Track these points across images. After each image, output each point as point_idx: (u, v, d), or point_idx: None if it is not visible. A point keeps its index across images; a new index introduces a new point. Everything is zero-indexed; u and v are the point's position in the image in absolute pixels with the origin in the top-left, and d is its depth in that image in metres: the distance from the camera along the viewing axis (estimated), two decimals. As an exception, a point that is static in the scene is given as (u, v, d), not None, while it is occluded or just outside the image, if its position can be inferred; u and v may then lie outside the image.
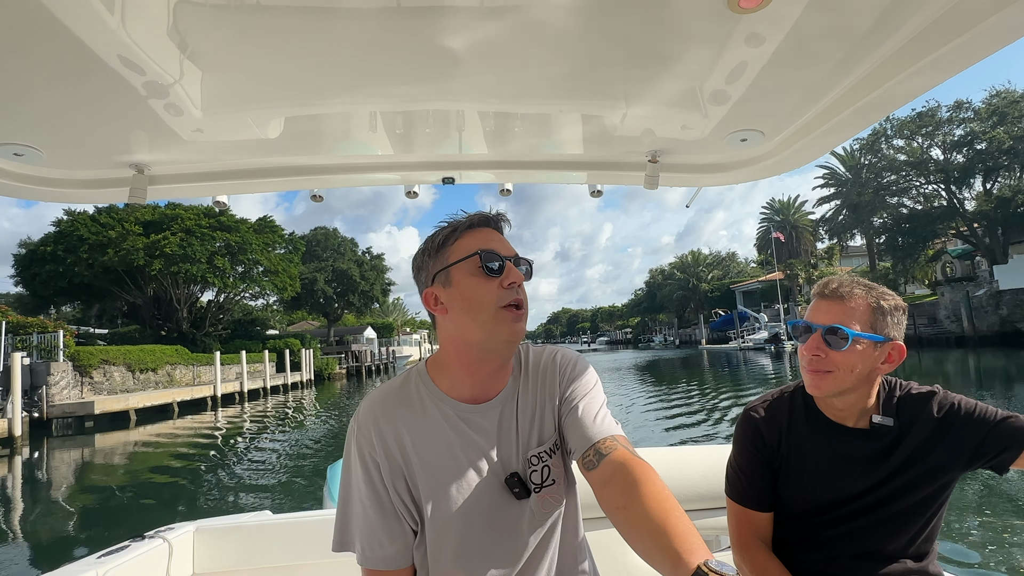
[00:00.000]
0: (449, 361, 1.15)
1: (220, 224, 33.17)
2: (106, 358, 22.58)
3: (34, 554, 7.44)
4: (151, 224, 31.20)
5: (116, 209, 31.18)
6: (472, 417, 1.13)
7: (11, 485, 11.80)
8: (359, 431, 1.11)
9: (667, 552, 0.84)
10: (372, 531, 1.09)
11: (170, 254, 29.97)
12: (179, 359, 27.32)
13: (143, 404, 21.17)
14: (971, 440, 1.31)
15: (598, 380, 1.23)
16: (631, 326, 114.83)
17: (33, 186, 1.65)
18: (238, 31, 1.09)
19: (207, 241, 32.08)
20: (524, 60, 1.23)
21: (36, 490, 11.38)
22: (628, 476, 0.97)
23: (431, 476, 1.09)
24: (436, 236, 1.15)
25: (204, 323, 36.17)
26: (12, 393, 15.18)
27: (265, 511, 2.58)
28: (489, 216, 1.16)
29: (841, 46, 1.21)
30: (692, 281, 78.77)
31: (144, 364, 24.59)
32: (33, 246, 30.59)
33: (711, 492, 2.03)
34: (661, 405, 17.50)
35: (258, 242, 35.01)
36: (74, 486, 11.27)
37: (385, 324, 68.71)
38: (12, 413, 15.01)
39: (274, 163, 1.77)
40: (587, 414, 1.12)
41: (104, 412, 19.32)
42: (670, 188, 2.03)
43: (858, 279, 1.36)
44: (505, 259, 1.10)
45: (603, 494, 1.01)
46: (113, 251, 29.08)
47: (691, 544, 0.83)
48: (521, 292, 1.10)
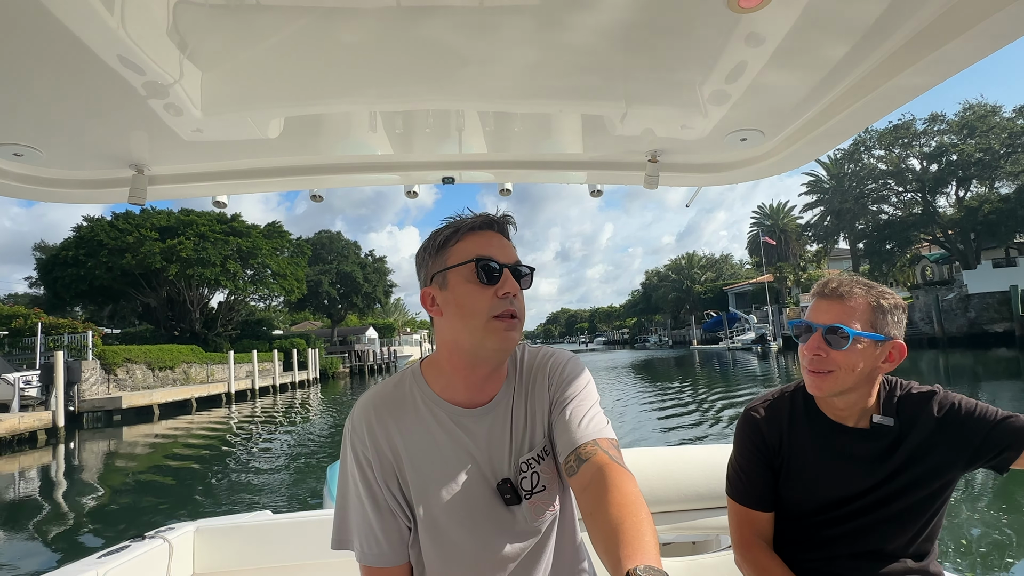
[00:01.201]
0: (443, 363, 1.14)
1: (232, 229, 35.14)
2: (129, 357, 24.16)
3: (61, 543, 7.74)
4: (166, 229, 32.89)
5: (133, 215, 33.22)
6: (464, 421, 1.12)
7: (55, 470, 12.85)
8: (353, 430, 1.11)
9: (611, 555, 0.82)
10: (369, 529, 1.09)
11: (186, 258, 31.77)
12: (194, 358, 28.85)
13: (165, 400, 22.46)
14: (972, 440, 1.31)
15: (590, 380, 1.20)
16: (628, 327, 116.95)
17: (33, 186, 1.65)
18: (238, 31, 1.09)
19: (220, 246, 33.71)
20: (524, 60, 1.23)
21: (73, 476, 12.18)
22: (601, 483, 0.95)
23: (421, 478, 1.09)
24: (438, 235, 1.12)
25: (215, 324, 37.85)
26: (56, 387, 16.44)
27: (265, 511, 2.58)
28: (493, 219, 1.13)
29: (841, 46, 1.21)
30: (686, 283, 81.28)
31: (163, 362, 26.21)
32: (55, 251, 32.51)
33: (711, 492, 2.03)
34: (655, 400, 18.34)
35: (267, 247, 36.79)
36: (103, 476, 12.03)
37: (386, 324, 70.22)
38: (56, 406, 16.24)
39: (274, 163, 1.77)
40: (573, 418, 1.09)
41: (130, 407, 20.59)
42: (671, 188, 2.03)
43: (858, 278, 1.36)
44: (503, 267, 1.07)
45: (581, 500, 0.99)
46: (131, 255, 30.89)
47: (633, 548, 0.80)
48: (516, 303, 1.08)
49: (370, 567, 1.10)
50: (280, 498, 9.18)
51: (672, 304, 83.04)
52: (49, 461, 13.57)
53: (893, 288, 39.43)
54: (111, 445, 15.81)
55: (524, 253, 1.16)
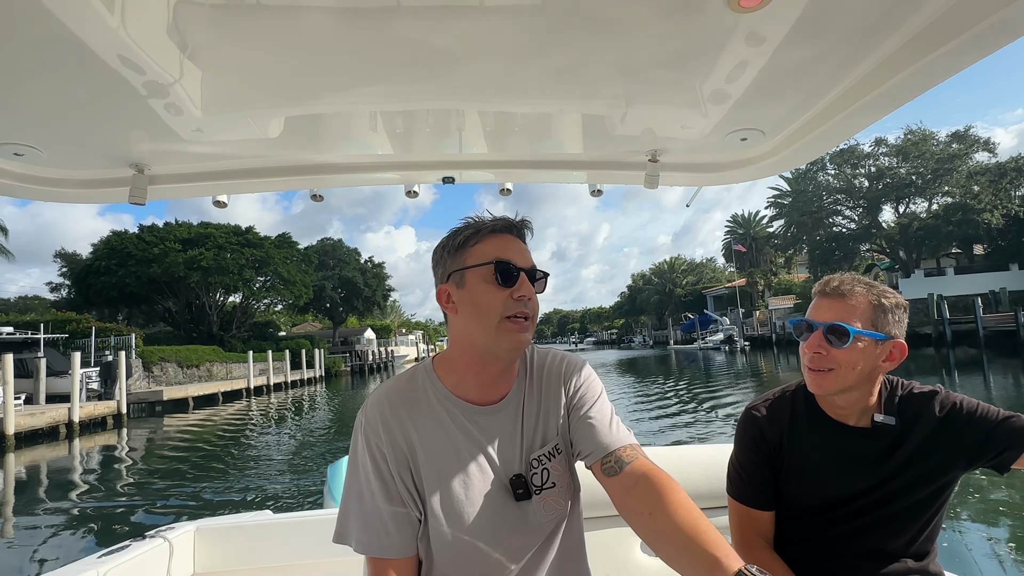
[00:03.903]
0: (456, 360, 1.17)
1: (247, 241, 40.09)
2: (163, 356, 29.22)
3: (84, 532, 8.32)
4: (187, 241, 37.58)
5: (157, 228, 38.63)
6: (477, 418, 1.15)
7: (120, 449, 15.80)
8: (367, 423, 1.13)
9: (703, 556, 0.88)
10: (379, 520, 1.10)
11: (206, 267, 36.39)
12: (215, 357, 33.57)
13: (197, 393, 26.73)
14: (973, 440, 1.31)
15: (603, 387, 1.25)
16: (616, 327, 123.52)
17: (33, 186, 1.65)
18: (238, 31, 1.09)
19: (237, 255, 38.47)
20: (524, 60, 1.23)
21: (134, 457, 14.66)
22: (653, 484, 1.02)
23: (435, 471, 1.11)
24: (458, 234, 1.15)
25: (231, 326, 42.51)
26: (120, 381, 20.82)
27: (266, 511, 2.58)
28: (513, 223, 1.16)
29: (841, 45, 1.21)
30: (668, 286, 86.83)
31: (190, 361, 30.95)
32: (89, 261, 37.98)
33: (711, 492, 2.03)
34: (640, 392, 21.88)
35: (279, 256, 41.43)
36: (153, 457, 14.42)
37: (383, 326, 74.63)
38: (120, 396, 20.64)
39: (274, 163, 1.77)
40: (601, 421, 1.15)
41: (170, 399, 24.98)
42: (669, 188, 2.03)
43: (859, 277, 1.36)
44: (521, 270, 1.11)
45: (625, 499, 1.05)
46: (158, 265, 35.58)
47: (726, 550, 0.88)
48: (530, 305, 1.11)
49: (377, 559, 1.11)
50: (280, 498, 9.19)
51: (655, 306, 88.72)
52: (116, 441, 17.21)
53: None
54: (155, 432, 19.13)
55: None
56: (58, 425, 17.48)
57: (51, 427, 17.25)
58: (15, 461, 13.93)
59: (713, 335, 62.75)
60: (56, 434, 17.31)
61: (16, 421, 15.53)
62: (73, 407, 18.01)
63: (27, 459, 14.24)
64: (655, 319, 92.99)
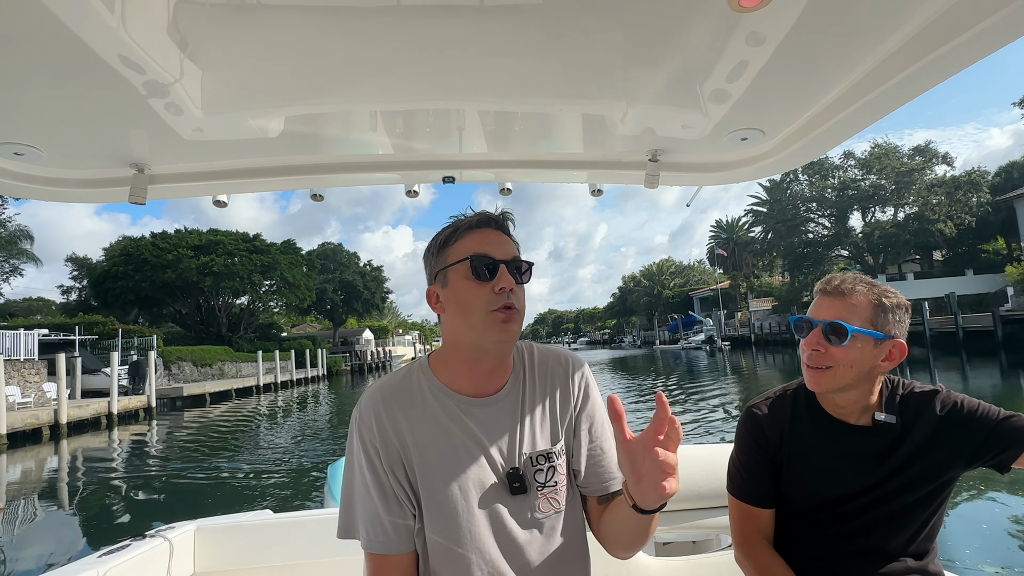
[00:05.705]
0: (449, 357, 1.17)
1: (255, 247, 43.51)
2: (180, 356, 31.92)
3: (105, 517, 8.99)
4: (198, 248, 40.69)
5: (170, 235, 41.67)
6: (473, 410, 1.15)
7: (151, 439, 18.20)
8: (361, 419, 1.14)
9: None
10: (375, 516, 1.10)
11: (218, 272, 39.71)
12: (226, 356, 36.62)
13: (213, 390, 29.78)
14: (973, 439, 1.31)
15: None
16: (608, 328, 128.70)
17: (33, 185, 1.65)
18: (238, 31, 1.09)
19: (245, 261, 41.63)
20: (524, 59, 1.23)
21: (160, 443, 16.90)
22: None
23: (429, 465, 1.11)
24: (440, 235, 1.17)
25: (239, 327, 45.65)
26: (149, 378, 24.17)
27: (266, 510, 2.58)
28: (490, 216, 1.16)
29: (842, 45, 1.21)
30: (657, 288, 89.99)
31: (204, 360, 33.87)
32: (106, 266, 40.95)
33: (711, 491, 2.03)
34: (630, 388, 24.59)
35: (284, 261, 44.57)
36: (173, 449, 15.96)
37: (381, 327, 77.05)
38: (150, 391, 23.99)
39: (274, 163, 1.76)
40: (609, 452, 1.21)
41: (189, 395, 27.81)
42: (667, 188, 2.02)
43: (861, 276, 1.36)
44: (499, 262, 1.11)
45: (599, 520, 1.19)
46: (172, 270, 38.65)
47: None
48: (513, 296, 1.11)
49: (376, 555, 1.11)
50: (281, 497, 9.19)
51: (644, 307, 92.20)
52: (147, 430, 20.01)
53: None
54: (177, 424, 21.37)
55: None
56: (100, 416, 20.39)
57: (94, 418, 20.15)
58: (67, 447, 16.40)
59: (696, 335, 66.69)
60: (99, 424, 20.26)
61: (68, 412, 18.37)
62: (112, 401, 20.87)
63: (75, 445, 16.79)
64: (644, 320, 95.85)
